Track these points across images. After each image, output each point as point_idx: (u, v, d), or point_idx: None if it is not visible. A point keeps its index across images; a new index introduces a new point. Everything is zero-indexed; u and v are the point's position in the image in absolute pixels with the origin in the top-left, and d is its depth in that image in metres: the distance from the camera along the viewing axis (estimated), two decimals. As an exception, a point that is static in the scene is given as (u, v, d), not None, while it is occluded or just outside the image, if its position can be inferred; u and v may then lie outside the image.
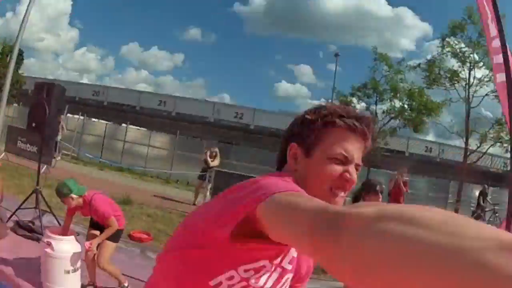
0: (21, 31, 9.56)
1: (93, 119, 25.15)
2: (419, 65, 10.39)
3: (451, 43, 8.74)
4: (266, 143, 27.54)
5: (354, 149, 1.16)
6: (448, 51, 8.71)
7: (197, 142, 21.60)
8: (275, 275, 1.14)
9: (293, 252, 1.17)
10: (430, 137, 22.97)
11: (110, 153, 21.04)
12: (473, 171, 12.39)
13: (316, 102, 15.39)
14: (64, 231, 4.48)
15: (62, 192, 4.28)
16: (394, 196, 10.21)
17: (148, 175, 18.92)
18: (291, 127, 1.28)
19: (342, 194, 1.15)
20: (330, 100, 14.69)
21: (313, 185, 1.14)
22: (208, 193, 10.81)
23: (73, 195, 4.25)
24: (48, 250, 4.06)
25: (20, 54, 38.17)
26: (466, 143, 8.53)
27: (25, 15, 9.37)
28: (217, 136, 25.11)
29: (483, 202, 13.58)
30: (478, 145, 8.52)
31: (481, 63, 8.16)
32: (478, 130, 8.57)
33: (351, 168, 1.14)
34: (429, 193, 17.38)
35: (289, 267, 1.18)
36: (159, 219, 8.99)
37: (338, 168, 1.14)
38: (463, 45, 8.49)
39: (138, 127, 24.84)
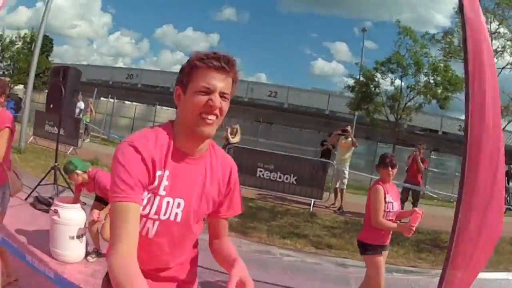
0: (44, 19, 10.26)
1: (126, 102, 26.04)
2: (433, 36, 10.27)
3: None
4: (300, 122, 27.75)
5: (216, 81, 1.53)
6: (464, 22, 8.64)
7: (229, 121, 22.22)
8: (156, 202, 1.57)
9: (166, 179, 1.56)
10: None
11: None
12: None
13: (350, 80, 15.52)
14: (75, 201, 5.07)
15: (68, 169, 4.86)
16: (412, 172, 10.25)
17: None
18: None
19: (212, 117, 1.54)
20: (357, 77, 14.77)
21: (188, 114, 1.55)
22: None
23: (78, 171, 4.80)
24: (55, 217, 4.65)
25: (50, 42, 39.90)
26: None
27: (46, 4, 10.05)
28: (251, 114, 25.41)
29: (508, 184, 13.16)
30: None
31: (497, 33, 8.06)
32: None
33: (214, 96, 1.52)
34: (456, 173, 17.23)
35: (163, 192, 1.56)
36: (177, 194, 9.52)
37: (204, 98, 1.52)
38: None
39: (169, 108, 25.60)
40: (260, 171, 10.66)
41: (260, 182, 10.68)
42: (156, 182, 1.54)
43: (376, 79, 13.17)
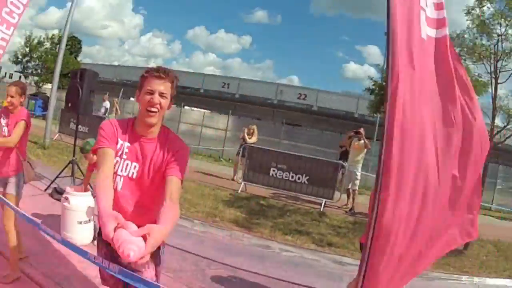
0: (68, 21, 11.10)
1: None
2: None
3: (479, 14, 8.82)
4: (327, 124, 28.08)
5: (156, 85, 2.35)
6: (477, 25, 8.83)
7: (257, 123, 23.04)
8: (121, 163, 2.43)
9: (126, 148, 2.42)
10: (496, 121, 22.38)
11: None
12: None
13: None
14: (85, 183, 5.74)
15: (84, 149, 5.58)
16: None
17: (201, 154, 20.82)
18: None
19: (154, 110, 2.34)
20: (377, 80, 15.06)
21: (140, 108, 2.39)
22: (244, 169, 11.89)
23: None
24: (65, 203, 5.31)
25: (78, 42, 41.63)
26: (493, 121, 8.69)
27: (71, 8, 10.87)
28: (280, 117, 25.90)
29: None
30: (506, 123, 8.66)
31: (506, 35, 8.25)
32: (509, 107, 8.72)
33: (154, 95, 2.33)
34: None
35: (125, 156, 2.42)
36: (191, 190, 10.20)
37: (148, 97, 2.34)
38: (488, 14, 8.55)
39: (198, 109, 26.48)
40: (273, 170, 11.17)
41: (273, 181, 11.20)
42: (119, 147, 2.41)
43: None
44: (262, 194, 11.10)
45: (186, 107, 27.01)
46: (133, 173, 2.42)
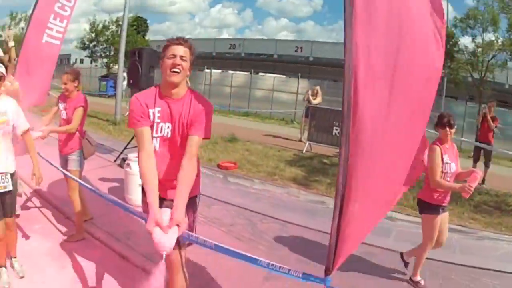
0: (126, 2, 11.89)
1: (229, 71, 27.87)
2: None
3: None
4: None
5: (176, 50, 2.75)
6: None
7: (331, 84, 23.18)
8: (155, 126, 2.81)
9: (158, 113, 2.78)
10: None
11: (238, 100, 24.26)
12: None
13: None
14: None
15: None
16: (483, 131, 10.12)
17: (274, 118, 21.69)
18: None
19: (177, 70, 2.73)
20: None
21: (164, 71, 2.76)
22: (309, 129, 12.38)
23: None
24: (127, 169, 6.12)
25: (145, 22, 43.24)
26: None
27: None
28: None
29: None
30: None
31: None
32: None
33: (176, 58, 2.73)
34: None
35: (158, 120, 2.79)
36: (256, 152, 10.92)
37: (171, 60, 2.75)
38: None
39: (271, 74, 26.89)
40: (336, 129, 11.48)
41: (336, 140, 11.47)
42: (152, 117, 2.80)
43: (456, 35, 13.04)
44: (327, 153, 11.47)
45: (260, 73, 27.54)
46: (167, 132, 2.82)
